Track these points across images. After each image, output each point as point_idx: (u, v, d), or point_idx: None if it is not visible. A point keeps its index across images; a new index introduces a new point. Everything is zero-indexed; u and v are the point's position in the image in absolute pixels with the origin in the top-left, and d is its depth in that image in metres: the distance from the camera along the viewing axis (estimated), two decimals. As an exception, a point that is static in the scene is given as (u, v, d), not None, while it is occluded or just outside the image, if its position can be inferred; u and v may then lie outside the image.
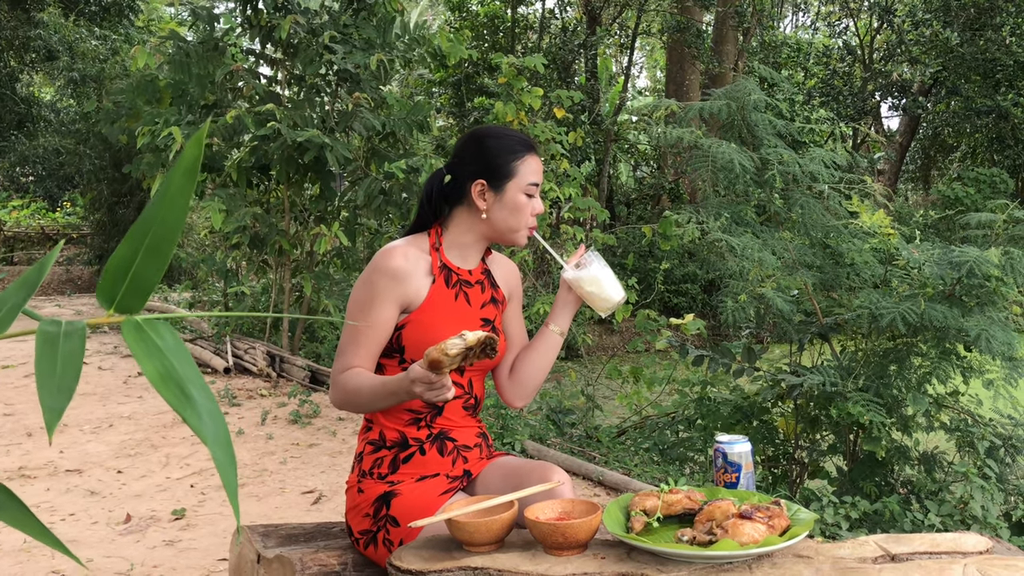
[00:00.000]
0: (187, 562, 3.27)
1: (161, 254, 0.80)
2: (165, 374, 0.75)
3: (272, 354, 7.16)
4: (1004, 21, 13.94)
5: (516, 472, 1.94)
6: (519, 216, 2.00)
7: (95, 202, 13.72)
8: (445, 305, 1.96)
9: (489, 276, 2.10)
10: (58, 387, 0.72)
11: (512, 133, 2.05)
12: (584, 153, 14.26)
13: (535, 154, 2.03)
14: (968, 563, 1.42)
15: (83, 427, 5.33)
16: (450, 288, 1.98)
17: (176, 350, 0.77)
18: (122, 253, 0.79)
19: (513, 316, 2.17)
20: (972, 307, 3.58)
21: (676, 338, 5.04)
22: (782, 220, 4.12)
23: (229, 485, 0.73)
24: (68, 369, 0.73)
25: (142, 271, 0.79)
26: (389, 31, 7.17)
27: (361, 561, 1.91)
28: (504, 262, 2.18)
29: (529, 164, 2.01)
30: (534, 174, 2.01)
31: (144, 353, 0.76)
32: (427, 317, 1.93)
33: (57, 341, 0.74)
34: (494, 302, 2.08)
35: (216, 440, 0.75)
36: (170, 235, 0.80)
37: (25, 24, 13.98)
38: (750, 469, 1.77)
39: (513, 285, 2.17)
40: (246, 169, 7.03)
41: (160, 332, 0.78)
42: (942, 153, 19.65)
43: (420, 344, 1.90)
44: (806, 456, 4.20)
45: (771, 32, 17.25)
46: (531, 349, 2.10)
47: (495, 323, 2.06)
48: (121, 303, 0.80)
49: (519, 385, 2.09)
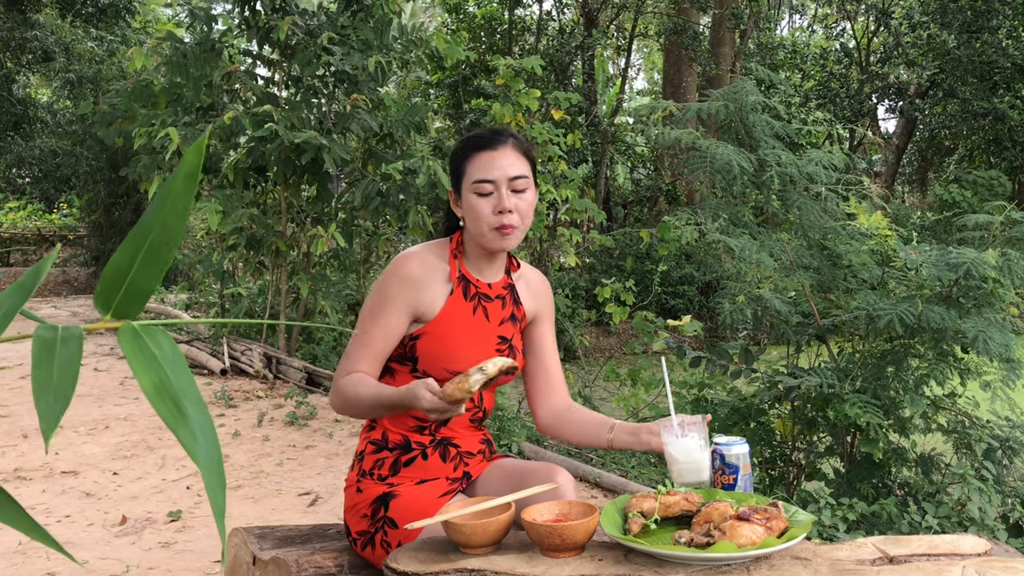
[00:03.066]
0: (183, 564, 3.26)
1: (160, 260, 0.78)
2: (161, 387, 0.74)
3: (269, 355, 7.15)
4: (1001, 24, 13.97)
5: (518, 472, 1.92)
6: (476, 219, 1.88)
7: (91, 203, 13.70)
8: (462, 319, 1.91)
9: (512, 291, 2.02)
10: (55, 395, 0.71)
11: (476, 133, 1.96)
12: (581, 155, 14.26)
13: (488, 149, 1.89)
14: (966, 565, 1.41)
15: (79, 429, 5.32)
16: (468, 301, 1.93)
17: (173, 360, 0.76)
18: (120, 258, 0.78)
19: (546, 334, 2.10)
20: (969, 308, 3.58)
21: (673, 340, 5.03)
22: (780, 221, 4.11)
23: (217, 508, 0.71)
24: (65, 376, 0.72)
25: (140, 277, 0.78)
26: (387, 32, 7.16)
27: (357, 563, 1.90)
28: (534, 277, 2.10)
29: (477, 161, 1.89)
30: (481, 170, 1.87)
31: (141, 364, 0.75)
32: (443, 330, 1.88)
33: (54, 348, 0.73)
34: (513, 319, 2.00)
35: (208, 462, 0.73)
36: (170, 241, 0.78)
37: (21, 25, 13.96)
38: (748, 471, 1.76)
39: (542, 303, 2.08)
40: (243, 170, 7.02)
41: (158, 340, 0.77)
42: (939, 155, 19.68)
43: (434, 357, 1.88)
44: (803, 458, 4.20)
45: (768, 34, 17.27)
46: (583, 425, 2.01)
47: (512, 341, 1.99)
48: (118, 308, 0.79)
49: (554, 430, 2.06)
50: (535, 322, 2.08)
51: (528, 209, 1.91)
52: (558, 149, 6.73)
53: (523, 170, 1.90)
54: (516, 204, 1.87)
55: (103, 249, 13.48)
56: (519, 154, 1.91)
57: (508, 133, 1.94)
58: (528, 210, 1.91)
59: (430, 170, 6.41)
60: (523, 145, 1.94)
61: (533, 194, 1.93)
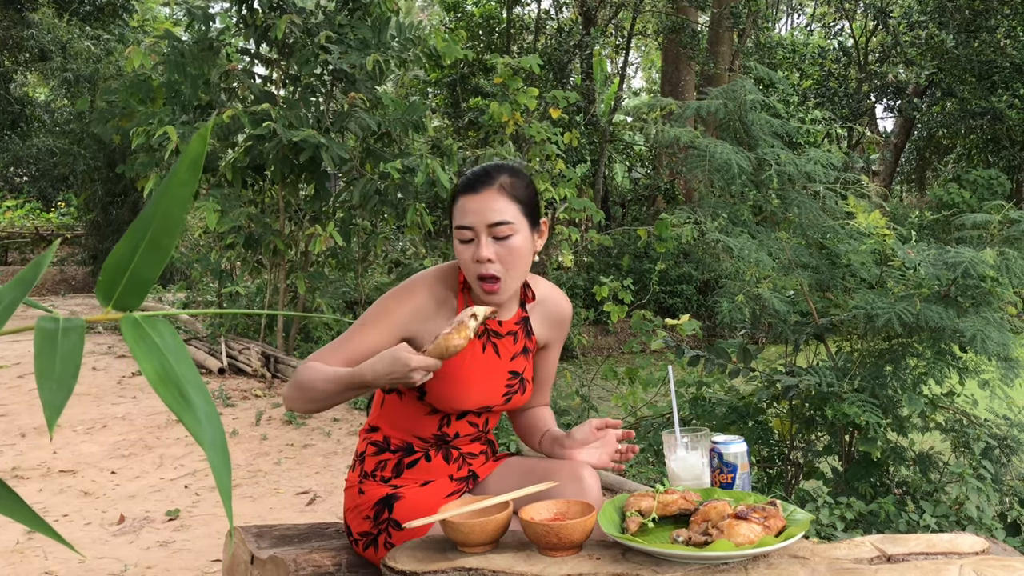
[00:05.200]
0: (181, 563, 3.26)
1: (161, 249, 0.79)
2: (164, 375, 0.75)
3: (267, 354, 7.15)
4: (999, 23, 13.97)
5: (544, 470, 1.87)
6: (462, 265, 1.81)
7: (89, 202, 13.69)
8: (470, 358, 1.86)
9: (526, 324, 1.95)
10: (58, 384, 0.71)
11: (469, 173, 1.85)
12: (580, 154, 14.25)
13: (470, 193, 1.79)
14: (964, 564, 1.41)
15: (77, 428, 5.31)
16: (478, 339, 1.87)
17: (175, 350, 0.77)
18: (122, 250, 0.79)
19: (547, 359, 2.05)
20: (968, 308, 3.58)
21: (672, 339, 5.03)
22: (778, 220, 4.11)
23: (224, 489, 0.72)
24: (67, 366, 0.72)
25: (141, 267, 0.79)
26: (384, 31, 7.16)
27: (355, 562, 1.90)
28: (552, 304, 2.01)
29: (461, 206, 1.80)
30: (461, 216, 1.79)
31: (143, 352, 0.75)
32: (451, 371, 1.83)
33: (56, 338, 0.74)
34: (525, 352, 1.95)
35: (213, 444, 0.74)
36: (171, 229, 0.79)
37: (18, 24, 13.93)
38: (746, 470, 1.76)
39: (556, 331, 2.02)
40: (241, 169, 7.02)
41: (160, 330, 0.78)
42: (937, 154, 19.69)
43: (443, 396, 1.85)
44: (801, 457, 4.20)
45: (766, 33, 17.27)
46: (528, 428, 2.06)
47: (524, 374, 1.95)
48: (120, 300, 0.79)
49: (515, 427, 2.12)
50: (546, 347, 2.04)
51: (513, 256, 1.78)
52: (556, 148, 6.73)
53: (507, 215, 1.77)
54: (497, 252, 1.77)
55: (101, 248, 13.47)
56: (506, 198, 1.78)
57: (500, 173, 1.81)
58: (513, 257, 1.79)
59: (428, 169, 6.40)
60: (514, 186, 1.81)
61: (522, 238, 1.80)
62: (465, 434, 1.94)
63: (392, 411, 1.94)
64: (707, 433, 1.80)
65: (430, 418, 1.91)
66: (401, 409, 1.92)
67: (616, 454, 1.89)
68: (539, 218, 1.87)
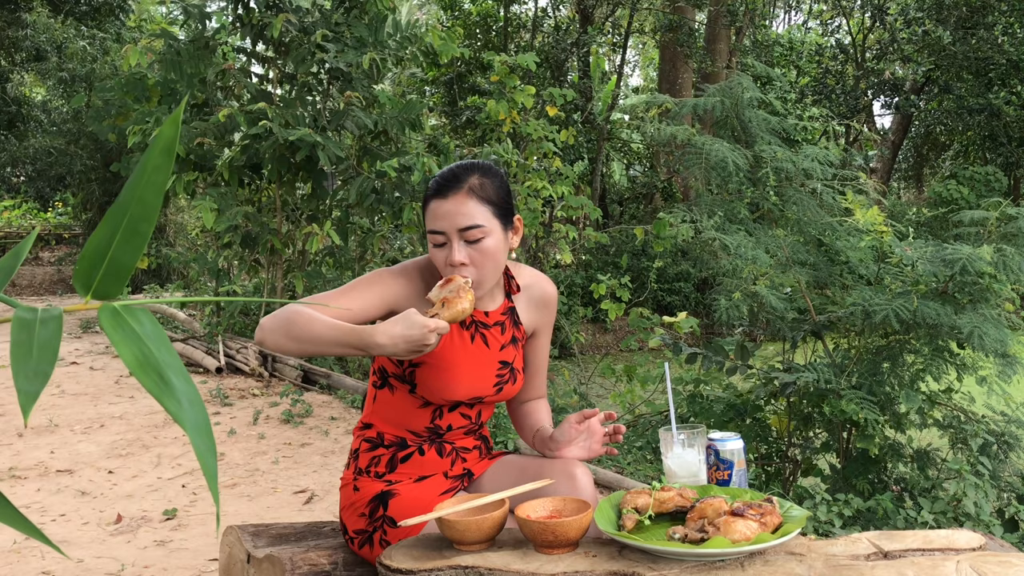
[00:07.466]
0: (178, 562, 3.25)
1: (139, 235, 0.78)
2: (143, 360, 0.74)
3: (264, 354, 7.14)
4: (996, 20, 13.97)
5: (536, 467, 1.88)
6: (438, 267, 1.82)
7: (86, 202, 13.69)
8: (460, 349, 1.87)
9: (512, 314, 1.96)
10: (34, 371, 0.70)
11: (437, 176, 1.84)
12: (577, 152, 14.25)
13: (439, 197, 1.78)
14: (961, 560, 1.41)
15: (74, 427, 5.30)
16: (464, 331, 1.88)
17: (154, 336, 0.76)
18: (99, 237, 0.78)
19: (538, 347, 2.06)
20: (965, 304, 3.58)
21: (669, 336, 5.03)
22: (776, 218, 4.11)
23: (209, 473, 0.72)
24: (44, 354, 0.71)
25: (119, 255, 0.78)
26: (381, 29, 7.15)
27: (352, 560, 1.89)
28: (537, 290, 2.01)
29: (432, 211, 1.79)
30: (433, 220, 1.78)
31: (121, 339, 0.74)
32: (441, 362, 1.84)
33: (33, 328, 0.73)
34: (514, 342, 1.95)
35: (195, 427, 0.73)
36: (148, 215, 0.78)
37: (13, 24, 13.91)
38: (742, 466, 1.76)
39: (543, 317, 2.03)
40: (237, 168, 7.01)
41: (138, 318, 0.77)
42: (934, 151, 19.70)
43: (434, 388, 1.85)
44: (799, 453, 4.20)
45: (763, 31, 17.27)
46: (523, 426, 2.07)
47: (514, 364, 1.94)
48: (98, 289, 0.78)
49: (512, 420, 2.13)
50: (535, 335, 2.05)
51: (486, 258, 1.78)
52: (553, 146, 6.72)
53: (477, 219, 1.76)
54: (470, 255, 1.77)
55: (98, 247, 13.44)
56: (475, 200, 1.77)
57: (469, 174, 1.80)
58: (486, 259, 1.79)
59: (425, 167, 6.40)
60: (484, 188, 1.79)
61: (495, 240, 1.79)
62: (458, 427, 1.94)
63: (385, 406, 1.95)
64: (703, 430, 1.80)
65: (423, 411, 1.91)
66: (394, 404, 1.93)
67: (604, 438, 1.89)
68: (512, 216, 1.87)
